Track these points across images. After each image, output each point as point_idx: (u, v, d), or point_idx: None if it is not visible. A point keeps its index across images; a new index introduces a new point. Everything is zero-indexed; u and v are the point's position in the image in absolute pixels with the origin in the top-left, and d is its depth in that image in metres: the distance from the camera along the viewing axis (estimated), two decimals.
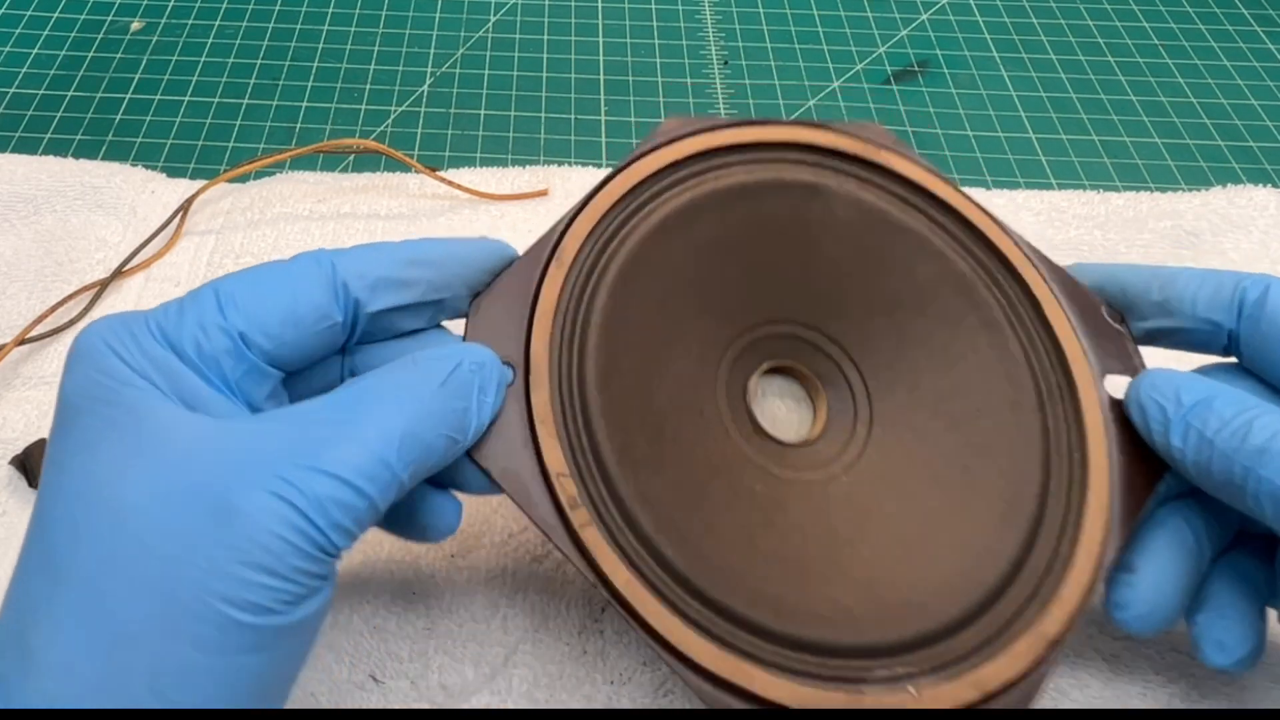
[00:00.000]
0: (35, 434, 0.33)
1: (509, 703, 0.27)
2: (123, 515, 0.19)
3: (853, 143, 0.29)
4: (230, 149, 0.45)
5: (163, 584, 0.19)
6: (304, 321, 0.23)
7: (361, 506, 0.20)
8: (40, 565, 0.20)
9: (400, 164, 0.41)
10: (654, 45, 0.51)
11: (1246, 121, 0.47)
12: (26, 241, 0.39)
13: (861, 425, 0.27)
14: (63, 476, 0.20)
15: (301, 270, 0.24)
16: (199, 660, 0.19)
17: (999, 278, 0.28)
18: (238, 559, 0.19)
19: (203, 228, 0.40)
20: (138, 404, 0.21)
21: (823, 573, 0.24)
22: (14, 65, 0.49)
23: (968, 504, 0.25)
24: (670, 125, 0.29)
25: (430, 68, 0.50)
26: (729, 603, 0.23)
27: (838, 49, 0.51)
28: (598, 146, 0.46)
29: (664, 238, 0.28)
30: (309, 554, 0.20)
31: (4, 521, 0.31)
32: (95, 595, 0.19)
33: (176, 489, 0.20)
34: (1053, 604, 0.23)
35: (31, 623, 0.19)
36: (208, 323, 0.22)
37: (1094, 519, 0.25)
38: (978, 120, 0.47)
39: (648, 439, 0.26)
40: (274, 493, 0.19)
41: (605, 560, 0.23)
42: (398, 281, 0.24)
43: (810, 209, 0.29)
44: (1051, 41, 0.52)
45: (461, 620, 0.29)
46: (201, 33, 0.51)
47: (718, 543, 0.25)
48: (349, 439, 0.21)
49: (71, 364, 0.22)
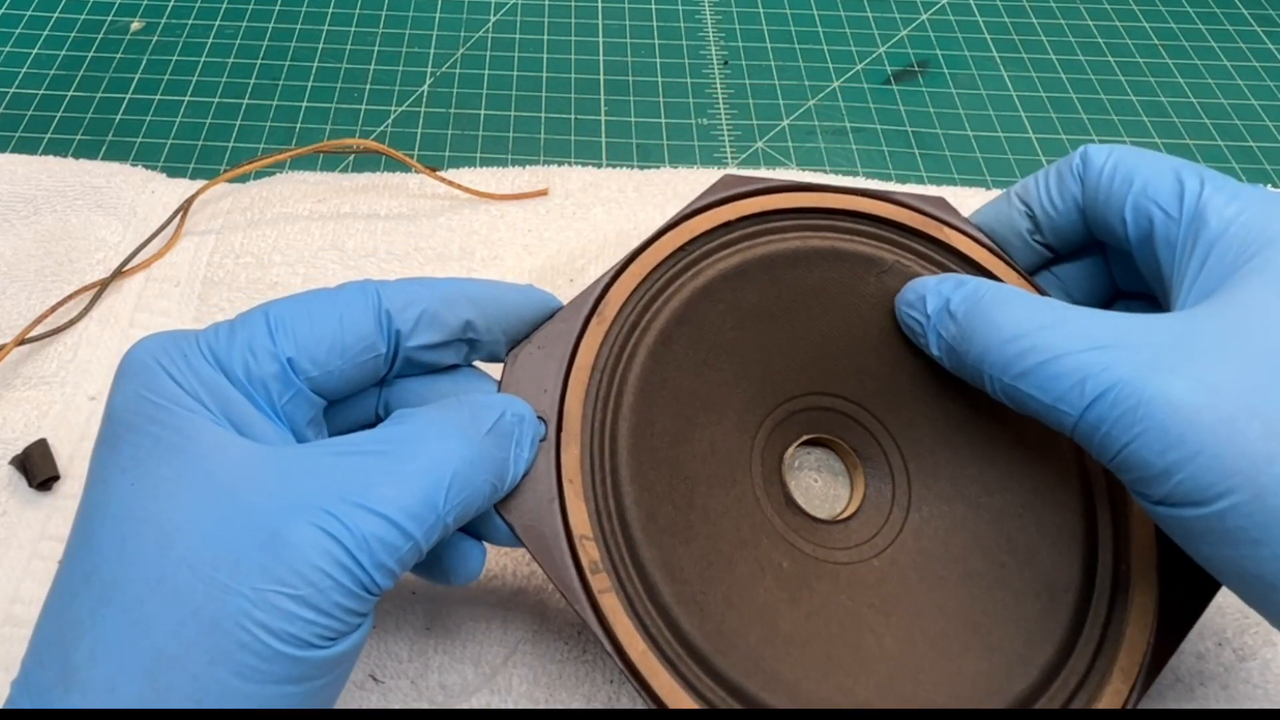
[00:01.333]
0: (35, 434, 0.33)
1: (509, 702, 0.27)
2: (171, 538, 0.19)
3: (914, 216, 0.29)
4: (230, 149, 0.45)
5: (208, 609, 0.19)
6: (350, 350, 0.23)
7: (405, 547, 0.20)
8: (84, 579, 0.20)
9: (400, 164, 0.41)
10: (654, 45, 0.51)
11: (1246, 121, 0.47)
12: (26, 241, 0.39)
13: (899, 509, 0.26)
14: (110, 493, 0.20)
15: (349, 299, 0.24)
16: (239, 687, 0.19)
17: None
18: (282, 591, 0.19)
19: (203, 228, 0.40)
20: (188, 426, 0.21)
21: (844, 662, 0.24)
22: (14, 65, 0.49)
23: (1003, 604, 0.24)
24: (726, 182, 0.29)
25: (430, 68, 0.50)
26: (745, 685, 0.23)
27: (838, 49, 0.51)
28: (598, 146, 0.46)
29: (710, 301, 0.27)
30: (351, 591, 0.20)
31: (4, 521, 0.31)
32: (140, 617, 0.19)
33: (225, 515, 0.20)
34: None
35: (74, 637, 0.19)
36: (257, 346, 0.22)
37: (1135, 637, 0.23)
38: (978, 120, 0.47)
39: (676, 505, 0.25)
40: (321, 527, 0.19)
41: (622, 629, 0.23)
42: (439, 317, 0.24)
43: (865, 282, 0.28)
44: (1051, 41, 0.52)
45: (461, 620, 0.29)
46: (201, 33, 0.51)
47: (739, 619, 0.24)
48: (399, 478, 0.21)
49: (121, 380, 0.22)
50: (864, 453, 0.27)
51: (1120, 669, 0.23)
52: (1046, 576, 0.25)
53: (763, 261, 0.28)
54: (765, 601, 0.24)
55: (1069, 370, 0.22)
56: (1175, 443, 0.20)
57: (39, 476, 0.32)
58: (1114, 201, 0.26)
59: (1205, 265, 0.23)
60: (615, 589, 0.23)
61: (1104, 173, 0.26)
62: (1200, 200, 0.24)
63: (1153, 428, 0.20)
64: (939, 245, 0.29)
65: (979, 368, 0.24)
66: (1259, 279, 0.22)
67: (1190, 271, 0.23)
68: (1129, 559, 0.25)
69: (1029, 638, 0.24)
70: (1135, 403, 0.20)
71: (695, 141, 0.46)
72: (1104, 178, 0.26)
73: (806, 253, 0.28)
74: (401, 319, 0.24)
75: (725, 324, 0.27)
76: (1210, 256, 0.23)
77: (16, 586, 0.30)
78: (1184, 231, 0.24)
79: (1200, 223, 0.24)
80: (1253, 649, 0.28)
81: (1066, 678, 0.23)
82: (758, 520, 0.26)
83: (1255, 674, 0.28)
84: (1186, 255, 0.24)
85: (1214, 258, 0.23)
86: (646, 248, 0.27)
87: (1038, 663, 0.23)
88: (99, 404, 0.34)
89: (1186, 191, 0.24)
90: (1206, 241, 0.23)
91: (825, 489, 0.28)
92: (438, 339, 0.25)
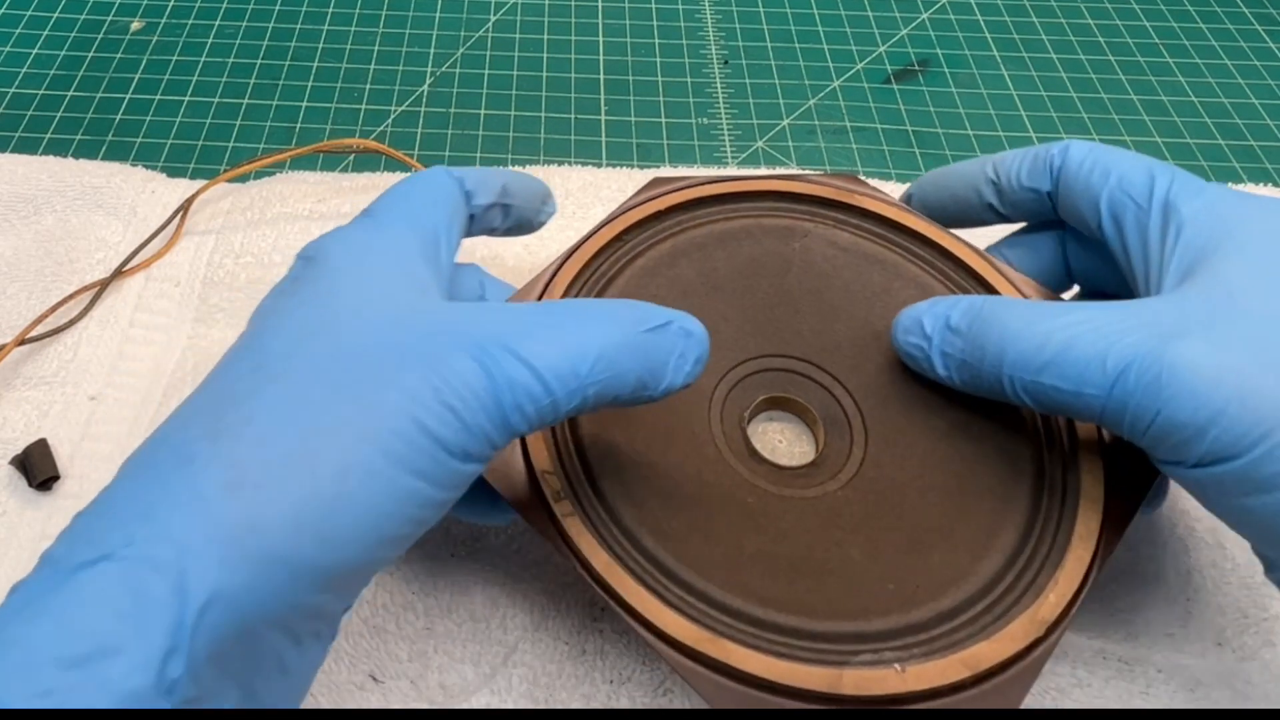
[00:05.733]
0: (35, 434, 0.33)
1: (508, 702, 0.27)
2: (341, 337, 0.22)
3: (825, 189, 0.32)
4: (230, 149, 0.45)
5: (366, 396, 0.20)
6: (464, 208, 0.29)
7: (544, 401, 0.22)
8: (251, 370, 0.22)
9: (400, 164, 0.41)
10: (654, 45, 0.51)
11: (1247, 121, 0.47)
12: (26, 241, 0.39)
13: (858, 448, 0.27)
14: (282, 309, 0.23)
15: (442, 172, 0.29)
16: (382, 468, 0.20)
17: (975, 293, 0.29)
18: (435, 396, 0.21)
19: (203, 228, 0.40)
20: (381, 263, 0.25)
21: (810, 571, 0.24)
22: (14, 65, 0.49)
23: (961, 506, 0.26)
24: (654, 183, 0.32)
25: (430, 68, 0.50)
26: (707, 589, 0.24)
27: (838, 49, 0.51)
28: (598, 146, 0.46)
29: (652, 278, 0.30)
30: (492, 419, 0.21)
31: (4, 521, 0.31)
32: (302, 394, 0.21)
33: (394, 336, 0.22)
34: (1049, 589, 0.23)
35: (229, 406, 0.21)
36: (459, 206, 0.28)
37: (1089, 509, 0.25)
38: (978, 120, 0.47)
39: (635, 449, 0.26)
40: (476, 359, 0.21)
41: (586, 545, 0.24)
42: (486, 181, 0.29)
43: (791, 249, 0.31)
44: (1052, 41, 0.52)
45: (461, 620, 0.29)
46: (201, 33, 0.51)
47: (703, 541, 0.25)
48: (548, 339, 0.22)
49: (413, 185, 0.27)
50: (818, 403, 0.29)
51: (1079, 536, 0.24)
52: (1000, 474, 0.26)
53: (695, 241, 0.31)
54: (730, 529, 0.25)
55: (1088, 354, 0.23)
56: (1204, 401, 0.21)
57: (39, 476, 0.32)
58: (1090, 193, 0.28)
59: (1178, 247, 0.25)
60: (578, 513, 0.25)
61: (1083, 165, 0.28)
62: (1170, 193, 0.26)
63: (1181, 391, 0.21)
64: (851, 210, 0.32)
65: (998, 371, 0.24)
66: (1236, 257, 0.24)
67: (1166, 255, 0.25)
68: (1076, 438, 0.26)
69: (990, 528, 0.25)
70: (1158, 371, 0.22)
71: (695, 141, 0.46)
72: (1083, 170, 0.28)
73: (735, 231, 0.31)
74: (467, 182, 0.29)
75: (669, 296, 0.29)
76: (1181, 239, 0.25)
77: None
78: (1155, 220, 0.26)
79: (1171, 210, 0.26)
80: (1253, 649, 0.28)
81: (1031, 555, 0.24)
82: (720, 468, 0.27)
83: (1255, 674, 0.28)
84: (1159, 241, 0.26)
85: (1184, 240, 0.25)
86: (584, 242, 0.30)
87: (1001, 548, 0.25)
88: (99, 404, 0.34)
89: (1157, 186, 0.26)
90: (1177, 225, 0.25)
91: (790, 447, 0.29)
92: (489, 199, 0.29)
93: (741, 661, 0.22)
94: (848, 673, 0.22)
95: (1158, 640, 0.29)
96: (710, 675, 0.22)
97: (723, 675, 0.22)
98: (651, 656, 0.28)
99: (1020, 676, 0.22)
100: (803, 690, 0.22)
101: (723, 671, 0.22)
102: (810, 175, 0.33)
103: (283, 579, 0.19)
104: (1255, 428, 0.21)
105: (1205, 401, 0.21)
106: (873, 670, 0.22)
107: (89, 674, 0.17)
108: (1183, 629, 0.29)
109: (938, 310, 0.27)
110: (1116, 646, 0.29)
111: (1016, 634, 0.23)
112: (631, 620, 0.23)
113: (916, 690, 0.22)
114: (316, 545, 0.19)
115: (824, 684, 0.22)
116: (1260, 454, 0.21)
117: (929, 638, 0.23)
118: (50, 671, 0.17)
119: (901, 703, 0.22)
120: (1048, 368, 0.23)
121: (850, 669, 0.22)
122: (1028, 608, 0.23)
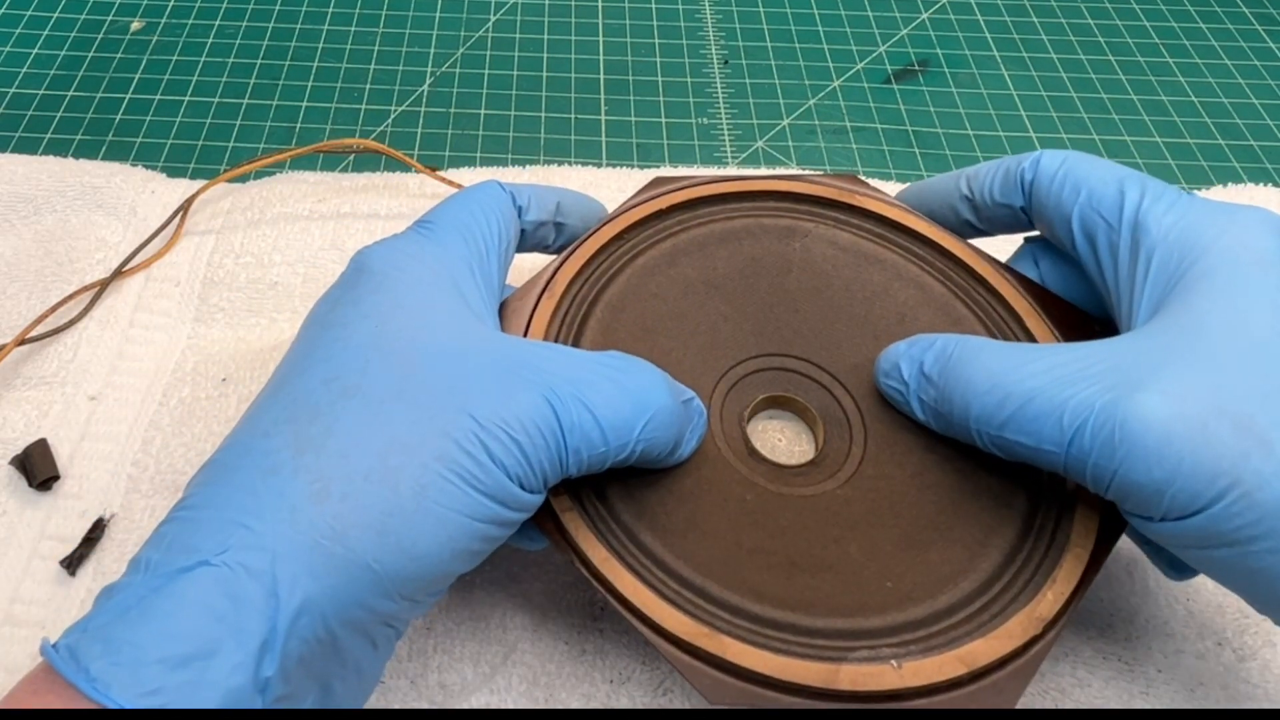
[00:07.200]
0: (35, 434, 0.33)
1: (508, 702, 0.27)
2: (413, 368, 0.22)
3: (827, 189, 0.32)
4: (230, 149, 0.45)
5: (441, 421, 0.21)
6: (516, 223, 0.29)
7: (599, 450, 0.23)
8: (324, 382, 0.22)
9: (400, 164, 0.41)
10: (654, 45, 0.51)
11: (1247, 120, 0.47)
12: (26, 241, 0.39)
13: (857, 446, 0.27)
14: (348, 323, 0.24)
15: (495, 188, 0.29)
16: (455, 488, 0.21)
17: (975, 294, 0.29)
18: (506, 428, 0.21)
19: (203, 228, 0.40)
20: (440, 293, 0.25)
21: (809, 567, 0.24)
22: (14, 65, 0.49)
23: (960, 503, 0.26)
24: (655, 182, 0.32)
25: (430, 68, 0.50)
26: (706, 585, 0.24)
27: (838, 49, 0.51)
28: (598, 146, 0.46)
29: (652, 276, 0.30)
30: (552, 457, 0.22)
31: (4, 521, 0.31)
32: (380, 412, 0.21)
33: (465, 368, 0.22)
34: (1047, 587, 0.23)
35: (309, 418, 0.21)
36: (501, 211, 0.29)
37: (1088, 508, 0.25)
38: (978, 120, 0.47)
39: None
40: (546, 399, 0.22)
41: (585, 541, 0.24)
42: (541, 198, 0.30)
43: (790, 249, 0.31)
44: (1052, 40, 0.52)
45: (460, 619, 0.29)
46: (201, 33, 0.51)
47: (700, 536, 0.25)
48: (614, 393, 0.23)
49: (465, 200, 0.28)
50: (818, 402, 0.29)
51: (1078, 535, 0.24)
52: (998, 473, 0.26)
53: (696, 241, 0.31)
54: (728, 525, 0.25)
55: (1045, 410, 0.22)
56: (1157, 459, 0.20)
57: (39, 476, 0.32)
58: (1062, 210, 0.27)
59: (1150, 274, 0.24)
60: (576, 509, 0.25)
61: (1055, 180, 0.28)
62: (1140, 210, 0.25)
63: (1135, 449, 0.21)
64: (851, 209, 0.32)
65: (966, 426, 0.24)
66: (1204, 284, 0.23)
67: (1138, 281, 0.25)
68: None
69: (988, 526, 0.25)
70: (1112, 428, 0.21)
71: (695, 141, 0.46)
72: (1054, 185, 0.28)
73: (735, 230, 0.31)
74: (519, 197, 0.29)
75: (670, 295, 0.30)
76: (1153, 265, 0.25)
77: (16, 586, 0.30)
78: (1125, 240, 0.26)
79: (1141, 231, 0.25)
80: (1253, 649, 0.28)
81: (1029, 553, 0.24)
82: (720, 466, 0.27)
83: (1255, 674, 0.28)
84: (1130, 264, 0.25)
85: (1155, 266, 0.24)
86: (585, 241, 0.30)
87: (999, 546, 0.25)
88: (99, 404, 0.34)
89: (1127, 202, 0.26)
90: (1148, 249, 0.25)
91: (789, 446, 0.29)
92: (543, 217, 0.30)
93: (739, 657, 0.22)
94: (845, 669, 0.22)
95: (1158, 640, 0.29)
96: (707, 670, 0.22)
97: (720, 670, 0.22)
98: (651, 656, 0.28)
99: (1017, 674, 0.22)
100: (800, 685, 0.22)
101: (720, 667, 0.22)
102: (810, 175, 0.33)
103: (366, 586, 0.20)
104: (1212, 485, 0.20)
105: (1158, 460, 0.20)
106: (870, 666, 0.22)
107: (193, 673, 0.18)
108: (1183, 629, 0.29)
109: (914, 354, 0.26)
110: (1116, 647, 0.29)
111: (1014, 632, 0.23)
112: (629, 615, 0.23)
113: (913, 686, 0.22)
114: (398, 555, 0.20)
115: (821, 679, 0.22)
116: (1220, 510, 0.20)
117: (926, 635, 0.23)
118: (156, 671, 0.18)
119: (898, 699, 0.22)
120: (1009, 423, 0.23)
121: (847, 665, 0.22)
122: (1025, 605, 0.23)
